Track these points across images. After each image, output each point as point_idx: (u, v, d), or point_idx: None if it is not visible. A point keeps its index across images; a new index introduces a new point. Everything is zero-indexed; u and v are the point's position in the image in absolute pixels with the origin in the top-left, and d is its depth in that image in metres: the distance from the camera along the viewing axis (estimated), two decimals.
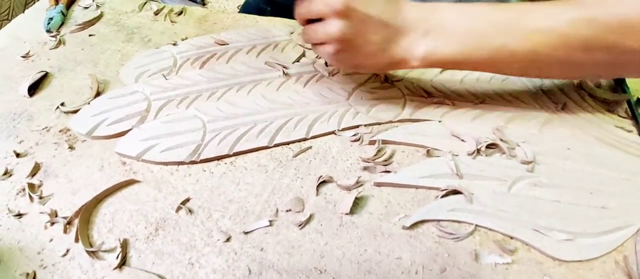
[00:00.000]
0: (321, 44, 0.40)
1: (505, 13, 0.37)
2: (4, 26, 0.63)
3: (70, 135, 0.44)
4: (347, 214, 0.36)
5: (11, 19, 0.96)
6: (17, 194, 0.39)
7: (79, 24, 0.60)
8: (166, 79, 0.50)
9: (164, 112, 0.46)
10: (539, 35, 0.36)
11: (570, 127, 0.43)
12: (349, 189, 0.38)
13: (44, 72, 0.52)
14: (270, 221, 0.36)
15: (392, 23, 0.38)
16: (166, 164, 0.41)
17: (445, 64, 0.40)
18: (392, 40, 0.39)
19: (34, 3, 0.67)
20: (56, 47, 0.57)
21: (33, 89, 0.50)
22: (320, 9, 0.38)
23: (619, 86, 0.47)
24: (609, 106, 0.45)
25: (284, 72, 0.50)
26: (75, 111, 0.46)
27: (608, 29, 0.35)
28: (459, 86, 0.47)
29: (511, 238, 0.35)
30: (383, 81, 0.48)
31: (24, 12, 0.66)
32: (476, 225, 0.35)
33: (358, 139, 0.42)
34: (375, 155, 0.41)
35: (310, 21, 0.40)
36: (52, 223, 0.37)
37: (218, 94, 0.47)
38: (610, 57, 0.37)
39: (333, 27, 0.38)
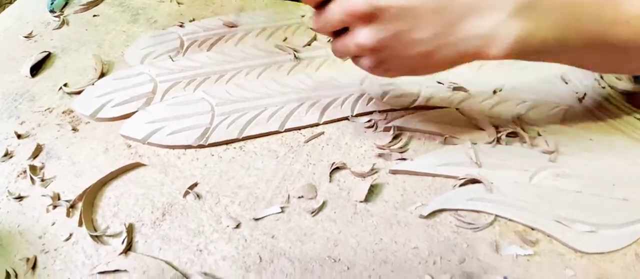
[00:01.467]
0: (358, 56, 0.32)
1: None
2: (6, 8, 0.61)
3: (73, 116, 0.43)
4: (361, 202, 0.35)
5: (14, 1, 0.95)
6: (18, 176, 0.38)
7: (83, 5, 0.58)
8: (173, 60, 0.48)
9: (171, 94, 0.44)
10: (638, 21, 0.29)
11: (591, 118, 0.42)
12: (363, 176, 0.37)
13: (46, 53, 0.50)
14: (281, 208, 0.35)
15: (451, 4, 0.28)
16: (173, 147, 0.39)
17: (537, 55, 0.31)
18: (457, 28, 0.29)
19: None
20: (59, 27, 0.55)
21: (36, 69, 0.49)
22: (340, 19, 0.30)
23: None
24: (630, 98, 0.43)
25: (295, 56, 0.48)
26: (79, 92, 0.45)
27: None
28: (477, 72, 0.45)
29: (532, 229, 0.33)
30: None
31: None
32: (496, 215, 0.34)
33: (372, 126, 0.41)
34: (390, 142, 0.39)
35: (337, 33, 0.32)
36: (55, 206, 0.35)
37: (227, 77, 0.46)
38: None
39: (361, 37, 0.30)
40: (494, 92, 0.43)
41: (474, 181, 0.36)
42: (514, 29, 0.28)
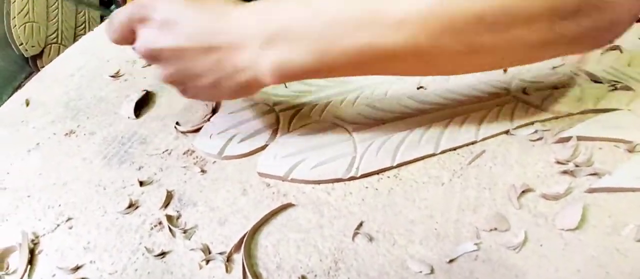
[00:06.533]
0: None
1: (361, 3, 0.28)
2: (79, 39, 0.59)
3: (197, 157, 0.39)
4: (570, 230, 0.29)
5: (87, 32, 0.93)
6: (152, 228, 0.34)
7: None
8: (286, 86, 0.44)
9: (296, 123, 0.40)
10: (410, 25, 0.27)
11: None
12: (556, 198, 0.31)
13: (145, 91, 0.47)
14: (476, 244, 0.29)
15: (217, 41, 0.30)
16: (319, 182, 0.35)
17: (305, 75, 0.31)
18: (225, 63, 0.31)
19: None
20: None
21: (136, 109, 0.45)
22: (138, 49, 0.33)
23: None
24: None
25: None
26: (197, 130, 0.41)
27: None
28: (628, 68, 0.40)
29: None
30: (554, 66, 0.41)
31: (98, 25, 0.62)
32: None
33: (540, 138, 0.35)
34: (572, 155, 0.34)
35: None
36: (208, 261, 0.31)
37: (351, 99, 0.41)
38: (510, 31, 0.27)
39: (160, 71, 0.33)
40: None
41: None
42: (268, 59, 0.30)
